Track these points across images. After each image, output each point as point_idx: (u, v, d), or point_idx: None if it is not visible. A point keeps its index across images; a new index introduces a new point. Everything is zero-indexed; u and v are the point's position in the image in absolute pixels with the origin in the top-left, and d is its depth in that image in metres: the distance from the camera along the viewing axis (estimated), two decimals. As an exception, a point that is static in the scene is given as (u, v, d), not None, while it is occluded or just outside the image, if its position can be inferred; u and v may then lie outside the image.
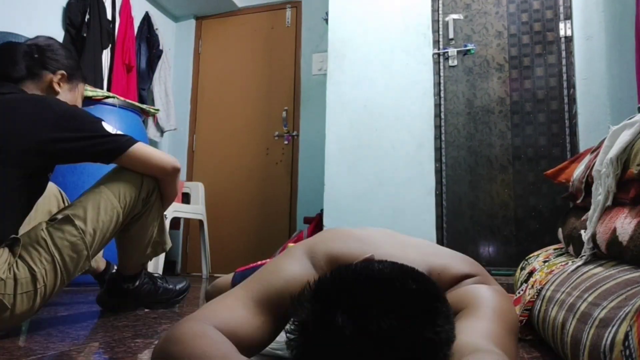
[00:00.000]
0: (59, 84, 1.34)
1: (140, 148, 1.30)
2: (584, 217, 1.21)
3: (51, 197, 1.52)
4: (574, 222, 1.30)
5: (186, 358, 0.58)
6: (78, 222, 1.20)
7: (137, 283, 1.53)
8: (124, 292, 1.53)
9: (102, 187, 1.29)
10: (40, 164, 1.19)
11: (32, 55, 1.31)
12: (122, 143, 1.27)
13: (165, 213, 1.51)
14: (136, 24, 3.55)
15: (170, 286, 1.65)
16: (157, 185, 1.40)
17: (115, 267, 1.77)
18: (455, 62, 2.69)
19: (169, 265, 3.67)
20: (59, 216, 1.21)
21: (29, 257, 1.13)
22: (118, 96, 2.63)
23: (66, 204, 1.58)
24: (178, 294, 1.68)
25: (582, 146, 2.36)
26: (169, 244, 1.50)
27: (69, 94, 1.38)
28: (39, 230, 1.17)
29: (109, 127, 1.26)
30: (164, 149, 3.89)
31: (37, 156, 1.16)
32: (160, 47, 3.69)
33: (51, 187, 1.51)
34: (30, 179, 1.19)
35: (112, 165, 1.34)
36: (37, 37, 1.38)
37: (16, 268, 1.11)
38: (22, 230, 1.23)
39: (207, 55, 4.06)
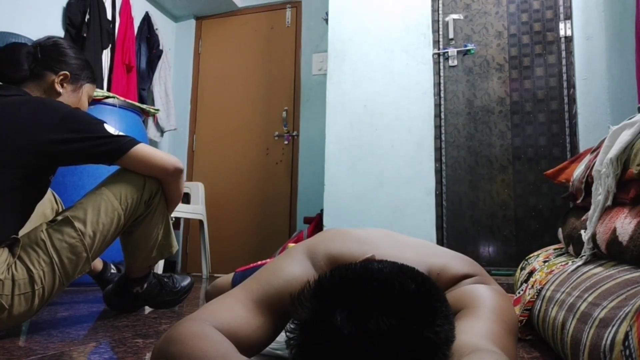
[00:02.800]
0: (61, 85, 1.33)
1: (141, 149, 1.29)
2: (584, 217, 1.21)
3: (45, 200, 1.51)
4: (574, 222, 1.30)
5: (185, 358, 0.58)
6: (77, 224, 1.20)
7: (145, 286, 1.53)
8: (133, 296, 1.53)
9: (103, 188, 1.28)
10: (42, 165, 1.19)
11: (36, 56, 1.30)
12: (124, 144, 1.26)
13: (171, 215, 1.50)
14: (136, 24, 3.56)
15: (177, 286, 1.65)
16: (161, 187, 1.39)
17: (113, 267, 1.77)
18: (455, 62, 2.69)
19: (169, 265, 3.68)
20: (59, 217, 1.21)
21: (27, 258, 1.13)
22: (118, 96, 2.63)
23: (59, 204, 1.57)
24: (183, 292, 1.68)
25: (582, 146, 2.36)
26: (175, 246, 1.48)
27: (72, 95, 1.37)
28: (39, 231, 1.17)
29: (111, 129, 1.26)
30: (164, 149, 3.89)
31: (38, 157, 1.16)
32: (160, 47, 3.69)
33: None
34: (32, 181, 1.18)
35: (115, 167, 1.34)
36: (47, 37, 1.37)
37: (14, 269, 1.11)
38: (21, 232, 1.22)
39: (207, 55, 4.06)
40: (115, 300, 1.56)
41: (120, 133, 1.28)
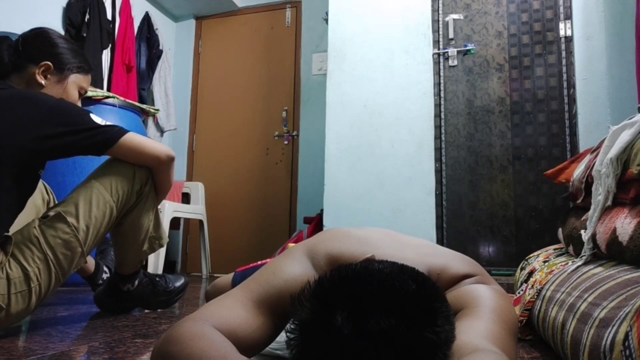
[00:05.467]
0: (43, 76, 1.27)
1: (132, 138, 1.26)
2: (584, 217, 1.21)
3: (35, 191, 1.46)
4: (574, 222, 1.30)
5: (185, 358, 0.58)
6: (70, 219, 1.18)
7: (136, 283, 1.51)
8: (123, 294, 1.51)
9: (93, 181, 1.26)
10: (31, 161, 1.16)
11: (17, 48, 1.26)
12: (113, 134, 1.23)
13: (163, 210, 1.49)
14: (136, 24, 3.55)
15: (170, 285, 1.64)
16: (151, 175, 1.36)
17: (106, 269, 1.76)
18: (455, 62, 2.69)
19: (169, 265, 3.68)
20: (51, 213, 1.19)
21: (21, 256, 1.12)
22: (118, 96, 2.63)
23: (50, 194, 1.55)
24: (177, 292, 1.66)
25: (582, 146, 2.36)
26: (165, 239, 1.46)
27: (57, 86, 1.30)
28: (31, 228, 1.15)
29: (98, 119, 1.22)
30: (164, 149, 3.88)
31: (26, 154, 1.13)
32: (160, 47, 3.69)
33: None
34: (21, 178, 1.16)
35: (105, 158, 1.30)
36: (35, 28, 1.32)
37: (9, 267, 1.10)
38: (13, 227, 1.21)
39: (207, 55, 4.06)
40: (107, 301, 1.54)
41: (108, 123, 1.24)
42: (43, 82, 1.28)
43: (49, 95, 1.22)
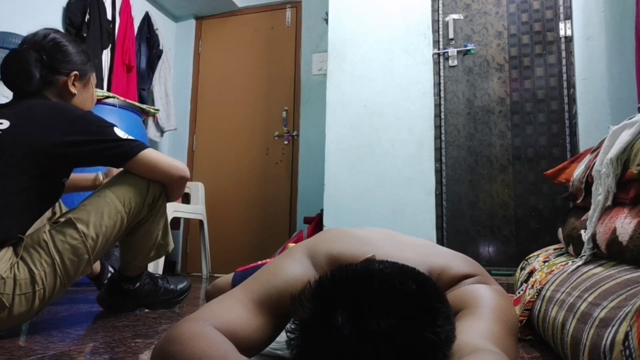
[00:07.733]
0: (73, 85, 1.34)
1: (148, 154, 1.30)
2: (584, 217, 1.21)
3: None
4: (574, 222, 1.31)
5: (185, 358, 0.58)
6: (80, 226, 1.20)
7: (138, 284, 1.53)
8: (125, 293, 1.52)
9: (107, 191, 1.29)
10: (53, 167, 1.21)
11: (42, 60, 1.29)
12: (132, 148, 1.28)
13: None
14: (136, 24, 3.55)
15: (172, 286, 1.65)
16: (164, 190, 1.40)
17: (111, 269, 1.77)
18: (455, 62, 2.69)
19: (169, 265, 3.68)
20: (62, 219, 1.21)
21: (29, 259, 1.13)
22: (118, 96, 2.63)
23: (60, 205, 1.57)
24: (179, 294, 1.67)
25: (582, 146, 2.36)
26: (171, 245, 1.50)
27: (84, 91, 1.38)
28: (41, 232, 1.18)
29: (121, 132, 1.28)
30: (164, 149, 3.89)
31: (50, 159, 1.18)
32: (160, 47, 3.69)
33: None
34: (43, 183, 1.20)
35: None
36: (44, 33, 1.33)
37: (17, 269, 1.11)
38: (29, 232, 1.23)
39: (207, 55, 4.06)
40: (109, 300, 1.56)
41: (130, 137, 1.29)
42: (75, 90, 1.35)
43: (77, 107, 1.29)
